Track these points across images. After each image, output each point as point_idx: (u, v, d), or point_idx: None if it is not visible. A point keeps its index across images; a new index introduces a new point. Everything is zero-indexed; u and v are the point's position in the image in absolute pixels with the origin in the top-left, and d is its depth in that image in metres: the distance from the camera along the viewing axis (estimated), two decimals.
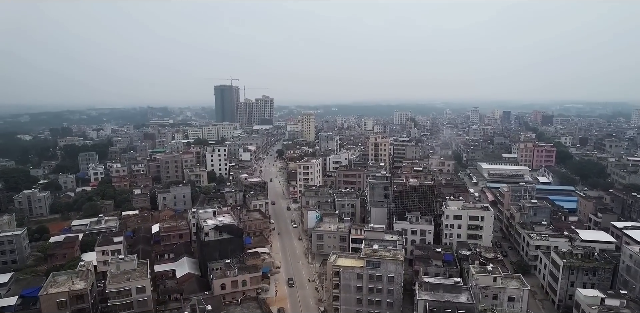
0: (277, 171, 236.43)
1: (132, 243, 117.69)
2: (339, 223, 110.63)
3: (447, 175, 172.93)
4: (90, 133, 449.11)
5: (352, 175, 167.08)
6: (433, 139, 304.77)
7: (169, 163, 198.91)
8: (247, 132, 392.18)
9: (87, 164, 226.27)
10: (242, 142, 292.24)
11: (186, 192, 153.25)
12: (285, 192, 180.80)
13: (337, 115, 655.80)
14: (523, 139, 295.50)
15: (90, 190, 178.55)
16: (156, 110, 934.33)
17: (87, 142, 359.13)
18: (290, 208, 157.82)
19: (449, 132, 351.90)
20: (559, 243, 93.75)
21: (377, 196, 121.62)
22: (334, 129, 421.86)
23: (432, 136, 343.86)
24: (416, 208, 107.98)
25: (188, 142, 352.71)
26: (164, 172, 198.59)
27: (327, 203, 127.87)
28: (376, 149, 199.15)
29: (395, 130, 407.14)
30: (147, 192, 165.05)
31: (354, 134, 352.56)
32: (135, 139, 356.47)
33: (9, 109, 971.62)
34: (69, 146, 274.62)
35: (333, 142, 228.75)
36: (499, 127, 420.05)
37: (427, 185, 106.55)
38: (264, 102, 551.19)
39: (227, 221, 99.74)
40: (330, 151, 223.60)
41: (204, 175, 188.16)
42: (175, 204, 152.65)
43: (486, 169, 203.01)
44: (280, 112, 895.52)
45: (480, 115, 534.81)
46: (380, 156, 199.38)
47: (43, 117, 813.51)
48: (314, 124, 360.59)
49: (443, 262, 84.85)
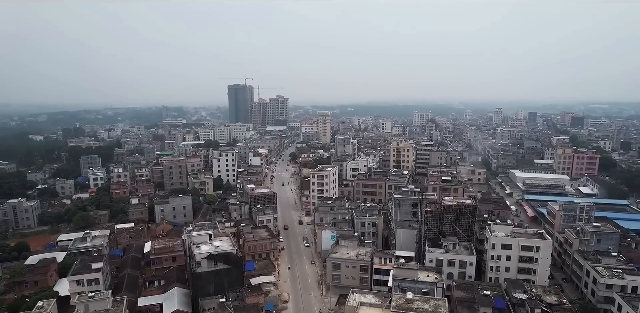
0: (289, 176, 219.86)
1: (120, 264, 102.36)
2: (358, 248, 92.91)
3: (480, 187, 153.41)
4: (102, 133, 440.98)
5: (372, 185, 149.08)
6: (457, 143, 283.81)
7: (172, 168, 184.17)
8: (259, 133, 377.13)
9: (89, 168, 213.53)
10: (254, 144, 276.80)
11: (187, 203, 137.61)
12: (298, 202, 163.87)
13: (354, 116, 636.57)
14: (556, 143, 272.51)
15: (87, 197, 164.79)
16: (171, 110, 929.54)
17: (97, 143, 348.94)
18: (302, 223, 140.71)
19: (473, 135, 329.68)
20: (639, 282, 74.20)
21: (404, 214, 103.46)
22: (350, 130, 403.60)
23: (456, 139, 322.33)
24: (453, 232, 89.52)
25: (198, 143, 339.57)
26: (167, 178, 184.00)
27: (344, 221, 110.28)
28: (398, 155, 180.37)
29: (415, 132, 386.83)
30: (145, 202, 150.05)
31: (372, 136, 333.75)
32: (144, 140, 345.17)
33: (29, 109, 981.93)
34: (73, 148, 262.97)
35: (350, 146, 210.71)
36: (525, 129, 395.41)
37: (467, 205, 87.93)
38: (278, 102, 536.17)
39: (224, 246, 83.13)
40: (347, 156, 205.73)
41: (209, 183, 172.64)
42: (174, 217, 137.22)
43: (521, 178, 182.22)
44: (296, 112, 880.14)
45: (504, 117, 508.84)
46: (403, 163, 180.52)
47: (60, 117, 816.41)
48: (329, 125, 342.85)
49: (493, 309, 66.37)
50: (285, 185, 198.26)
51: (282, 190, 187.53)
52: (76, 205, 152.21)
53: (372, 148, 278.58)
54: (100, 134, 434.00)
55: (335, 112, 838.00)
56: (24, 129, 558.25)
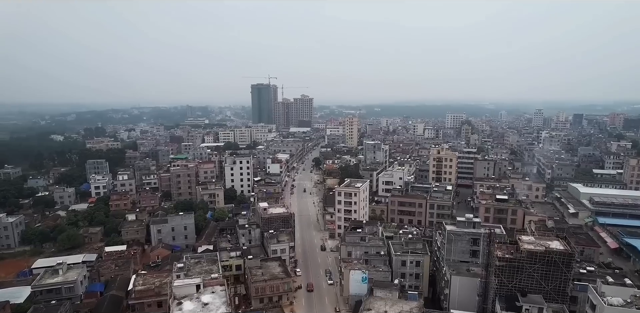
0: (312, 186, 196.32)
1: (94, 307, 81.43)
2: (400, 303, 68.25)
3: (542, 207, 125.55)
4: (122, 133, 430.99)
5: (410, 204, 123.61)
6: (499, 148, 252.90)
7: (181, 177, 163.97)
8: (282, 135, 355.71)
9: (96, 173, 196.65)
10: (275, 148, 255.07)
11: (188, 222, 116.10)
12: (321, 220, 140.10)
13: (381, 117, 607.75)
14: (617, 150, 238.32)
15: (84, 209, 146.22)
16: (195, 110, 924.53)
17: (116, 143, 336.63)
18: (325, 248, 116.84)
19: (516, 139, 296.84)
20: None
21: (459, 253, 78.12)
22: (379, 132, 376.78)
23: (497, 144, 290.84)
24: (537, 287, 63.48)
25: (217, 146, 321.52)
26: (174, 188, 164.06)
27: (379, 258, 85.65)
28: (439, 165, 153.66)
29: (450, 136, 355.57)
30: (143, 218, 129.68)
31: (403, 139, 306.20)
32: (161, 141, 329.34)
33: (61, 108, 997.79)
34: (84, 151, 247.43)
35: (381, 152, 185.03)
36: (573, 133, 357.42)
37: (560, 252, 61.67)
38: (302, 101, 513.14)
39: (215, 304, 60.18)
40: (378, 164, 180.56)
41: (220, 195, 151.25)
42: (173, 239, 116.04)
43: (586, 194, 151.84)
44: (321, 112, 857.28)
45: (545, 119, 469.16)
46: (445, 174, 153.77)
47: (88, 116, 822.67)
48: (357, 127, 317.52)
49: None
50: (307, 196, 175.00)
51: (303, 203, 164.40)
52: (69, 219, 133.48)
53: (404, 153, 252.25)
54: (120, 134, 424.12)
55: (362, 112, 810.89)
56: (52, 128, 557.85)
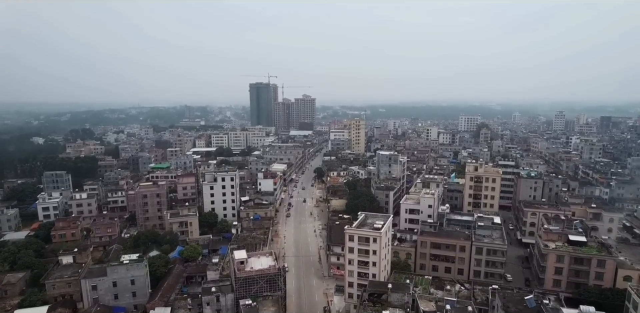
0: (313, 204, 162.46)
1: None
2: None
3: (630, 250, 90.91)
4: (109, 136, 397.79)
5: (447, 246, 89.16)
6: (530, 158, 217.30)
7: (147, 198, 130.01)
8: (280, 139, 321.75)
9: (55, 188, 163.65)
10: (271, 156, 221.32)
11: (137, 274, 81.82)
12: (324, 261, 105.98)
13: (388, 118, 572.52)
14: None
15: (19, 240, 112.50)
16: (194, 110, 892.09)
17: (100, 147, 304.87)
18: (329, 310, 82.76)
19: (545, 146, 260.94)
20: None
21: None
22: (387, 136, 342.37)
23: (524, 152, 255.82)
24: None
25: (208, 151, 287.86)
26: (140, 211, 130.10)
27: None
28: (477, 187, 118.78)
29: (466, 141, 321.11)
30: (84, 261, 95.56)
31: (417, 145, 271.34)
32: (147, 146, 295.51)
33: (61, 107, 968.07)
34: (47, 159, 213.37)
35: (398, 166, 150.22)
36: (604, 138, 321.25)
37: None
38: (304, 102, 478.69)
39: None
40: (394, 180, 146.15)
41: (194, 223, 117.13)
42: (116, 297, 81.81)
43: None
44: (324, 113, 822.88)
45: (567, 121, 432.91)
46: (484, 199, 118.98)
47: (83, 117, 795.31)
48: (364, 131, 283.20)
49: None
50: (307, 220, 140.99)
51: (302, 231, 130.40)
52: None
53: (419, 162, 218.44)
54: (107, 137, 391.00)
55: (366, 113, 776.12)
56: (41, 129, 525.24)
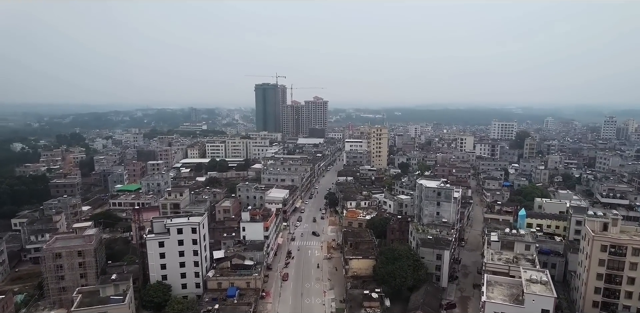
0: (323, 256, 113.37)
1: None
2: None
3: None
4: (97, 142, 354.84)
5: None
6: (610, 182, 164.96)
7: (63, 258, 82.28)
8: (287, 148, 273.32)
9: None
10: (271, 176, 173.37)
11: None
12: None
13: (407, 123, 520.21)
14: None
15: None
16: (201, 112, 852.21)
17: (80, 156, 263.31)
18: None
19: (618, 163, 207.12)
20: None
21: None
22: (412, 147, 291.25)
23: (595, 172, 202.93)
24: None
25: (199, 164, 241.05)
26: (52, 280, 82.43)
27: None
28: (613, 265, 66.81)
29: (507, 153, 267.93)
30: None
31: (453, 160, 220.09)
32: (128, 157, 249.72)
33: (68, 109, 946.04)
34: None
35: (451, 205, 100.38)
36: None
37: None
38: (315, 104, 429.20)
39: None
40: (445, 227, 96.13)
41: None
42: None
43: None
44: (336, 116, 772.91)
45: (618, 128, 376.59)
46: (624, 284, 68.72)
47: (85, 119, 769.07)
48: (387, 141, 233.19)
49: None
50: (312, 289, 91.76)
51: (305, 311, 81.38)
52: None
53: (460, 183, 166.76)
54: (95, 144, 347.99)
55: (381, 117, 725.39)
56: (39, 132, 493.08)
